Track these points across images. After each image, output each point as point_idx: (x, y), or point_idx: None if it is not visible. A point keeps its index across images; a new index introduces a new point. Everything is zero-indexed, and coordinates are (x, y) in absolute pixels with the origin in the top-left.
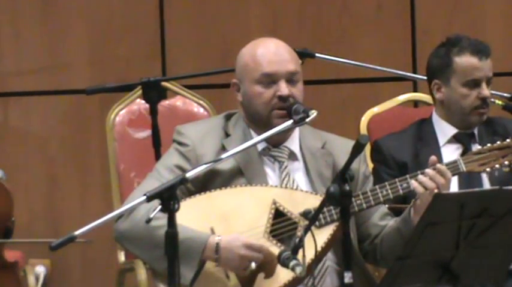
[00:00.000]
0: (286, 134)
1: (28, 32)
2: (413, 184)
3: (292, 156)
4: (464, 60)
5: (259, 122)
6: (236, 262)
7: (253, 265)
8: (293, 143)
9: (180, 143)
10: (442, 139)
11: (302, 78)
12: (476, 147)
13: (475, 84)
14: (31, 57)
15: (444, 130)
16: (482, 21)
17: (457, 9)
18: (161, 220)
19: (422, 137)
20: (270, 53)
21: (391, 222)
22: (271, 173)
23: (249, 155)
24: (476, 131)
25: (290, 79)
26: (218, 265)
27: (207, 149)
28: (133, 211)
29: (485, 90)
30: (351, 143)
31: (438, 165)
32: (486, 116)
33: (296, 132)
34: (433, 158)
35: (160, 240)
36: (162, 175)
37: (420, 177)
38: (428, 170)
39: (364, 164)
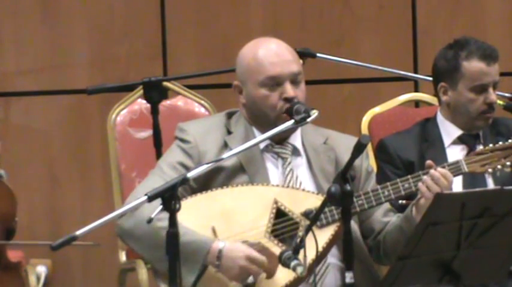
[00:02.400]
0: (290, 132)
1: (29, 32)
2: (422, 188)
3: (295, 152)
4: (473, 65)
5: (264, 124)
6: (235, 271)
7: (251, 278)
8: (296, 139)
9: (182, 140)
10: (447, 140)
11: (304, 77)
12: (480, 148)
13: (482, 89)
14: (32, 57)
15: (449, 131)
16: (483, 21)
17: (458, 9)
18: (165, 221)
19: (427, 137)
20: (272, 54)
21: (394, 218)
22: (274, 170)
23: (251, 152)
24: (480, 132)
25: (294, 80)
26: (218, 271)
27: (210, 146)
28: (138, 209)
29: (492, 95)
30: (352, 139)
31: (440, 169)
32: (491, 119)
33: (298, 129)
34: (429, 162)
35: (163, 241)
36: (164, 172)
37: (426, 179)
38: (434, 172)
39: (367, 161)
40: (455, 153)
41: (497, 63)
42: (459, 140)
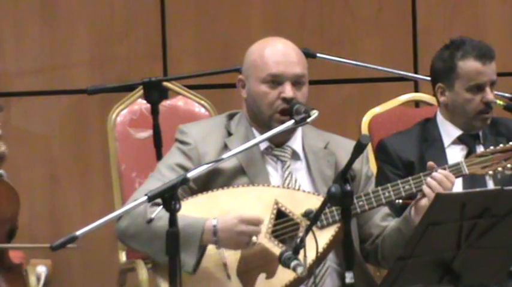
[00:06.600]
0: (288, 134)
1: (29, 32)
2: (426, 190)
3: (294, 156)
4: (468, 65)
5: (260, 121)
6: (235, 239)
7: (254, 239)
8: (296, 143)
9: (182, 142)
10: (446, 140)
11: (308, 81)
12: (480, 148)
13: (479, 88)
14: (33, 57)
15: (449, 131)
16: (483, 21)
17: (458, 9)
18: (159, 212)
19: (427, 137)
20: (279, 53)
21: (392, 222)
22: (274, 173)
23: (251, 154)
24: (480, 133)
25: (296, 82)
26: (219, 248)
27: (210, 148)
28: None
29: (489, 95)
30: (353, 144)
31: (442, 171)
32: (490, 120)
33: (299, 132)
34: (431, 163)
35: (160, 232)
36: (164, 174)
37: (429, 180)
38: (436, 174)
39: (367, 165)
40: (455, 153)
41: (494, 62)
42: (459, 140)
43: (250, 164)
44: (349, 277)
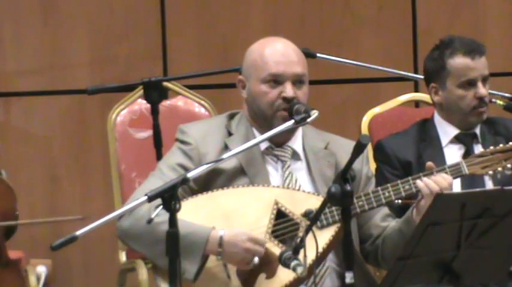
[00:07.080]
0: (289, 134)
1: (30, 32)
2: (420, 184)
3: (295, 156)
4: (457, 61)
5: (262, 121)
6: (240, 255)
7: (256, 259)
8: (296, 143)
9: (182, 142)
10: (444, 140)
11: (308, 80)
12: (478, 147)
13: (470, 84)
14: (33, 58)
15: (446, 131)
16: (483, 21)
17: (458, 9)
18: (163, 216)
19: (425, 137)
20: (278, 53)
21: (393, 223)
22: (274, 172)
23: (251, 154)
24: (478, 132)
25: (296, 81)
26: (220, 259)
27: (210, 148)
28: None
29: (482, 89)
30: (353, 144)
31: (442, 174)
32: (486, 115)
33: (299, 132)
34: (430, 164)
35: (162, 236)
36: (165, 173)
37: (425, 179)
38: (433, 176)
39: (367, 166)
40: (453, 152)
41: (485, 57)
42: (456, 140)
43: (250, 164)
44: (349, 277)
